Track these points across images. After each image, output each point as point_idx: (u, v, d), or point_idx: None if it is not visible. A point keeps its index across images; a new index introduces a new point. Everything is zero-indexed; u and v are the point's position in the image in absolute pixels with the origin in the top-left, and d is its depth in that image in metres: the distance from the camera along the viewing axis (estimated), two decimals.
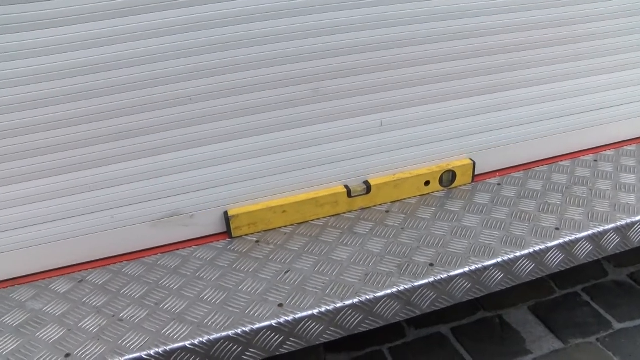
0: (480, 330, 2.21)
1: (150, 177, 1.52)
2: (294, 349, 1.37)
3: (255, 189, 1.64)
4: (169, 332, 1.30)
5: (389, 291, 1.40)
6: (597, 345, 2.11)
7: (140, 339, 1.29)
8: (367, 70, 1.60)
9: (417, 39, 1.61)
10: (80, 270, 1.55)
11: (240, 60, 1.47)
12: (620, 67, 1.93)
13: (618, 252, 1.64)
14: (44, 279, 1.52)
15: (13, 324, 1.36)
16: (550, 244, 1.54)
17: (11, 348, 1.28)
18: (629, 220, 1.62)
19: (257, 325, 1.31)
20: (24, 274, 1.53)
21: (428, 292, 1.44)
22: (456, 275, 1.46)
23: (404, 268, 1.47)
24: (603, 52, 1.87)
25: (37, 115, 1.37)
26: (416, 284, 1.42)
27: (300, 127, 1.61)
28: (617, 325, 2.19)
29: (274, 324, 1.32)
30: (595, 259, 1.62)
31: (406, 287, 1.41)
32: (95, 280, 1.50)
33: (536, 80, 1.83)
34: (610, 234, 1.61)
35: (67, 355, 1.26)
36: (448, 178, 1.82)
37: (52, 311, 1.40)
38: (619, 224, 1.61)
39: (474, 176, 1.86)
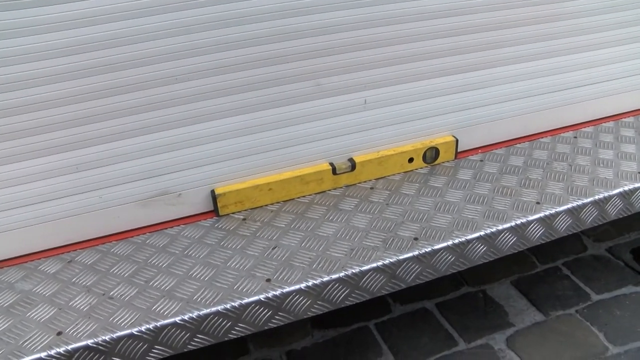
0: (464, 304, 2.25)
1: (138, 157, 1.53)
2: (282, 323, 1.40)
3: (241, 167, 1.65)
4: (159, 308, 1.32)
5: (374, 265, 1.43)
6: (576, 316, 2.17)
7: (131, 316, 1.30)
8: (351, 49, 1.61)
9: (400, 17, 1.63)
10: (69, 251, 1.55)
11: (226, 40, 1.48)
12: (598, 45, 1.96)
13: (596, 224, 1.68)
14: (32, 260, 1.53)
15: (3, 304, 1.37)
16: (531, 218, 1.58)
17: (2, 328, 1.29)
18: (606, 194, 1.66)
19: (246, 300, 1.33)
20: (12, 256, 1.53)
21: (413, 266, 1.47)
22: (440, 249, 1.49)
23: (389, 242, 1.50)
24: (582, 30, 1.90)
25: (23, 96, 1.36)
26: (401, 257, 1.45)
27: (286, 106, 1.62)
28: (595, 297, 2.26)
29: (262, 299, 1.34)
30: (575, 231, 1.66)
31: (391, 260, 1.44)
32: (85, 260, 1.51)
33: (517, 58, 1.85)
34: (589, 207, 1.65)
35: (59, 333, 1.27)
36: (431, 155, 1.85)
37: (42, 291, 1.40)
38: (597, 197, 1.65)
39: (456, 153, 1.89)
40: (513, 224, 1.56)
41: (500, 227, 1.54)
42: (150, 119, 1.50)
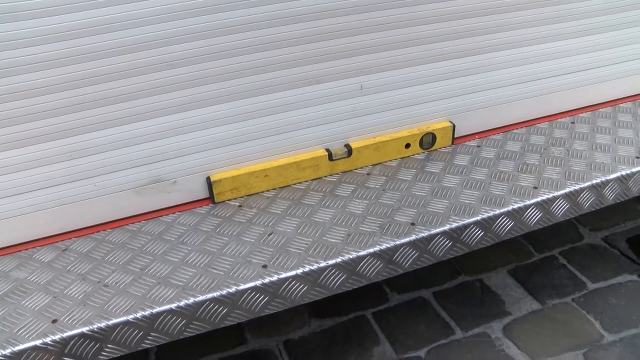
0: (461, 293, 2.26)
1: (133, 144, 1.52)
2: (278, 310, 1.39)
3: (237, 153, 1.64)
4: (155, 295, 1.31)
5: (371, 250, 1.42)
6: (572, 304, 2.17)
7: (126, 303, 1.29)
8: (347, 34, 1.60)
9: (396, 2, 1.61)
10: (64, 239, 1.54)
11: (220, 25, 1.46)
12: (596, 30, 1.95)
13: (593, 209, 1.68)
14: (27, 249, 1.52)
15: None
16: (528, 202, 1.57)
17: None
18: (604, 179, 1.66)
19: (242, 287, 1.33)
20: (6, 245, 1.52)
21: (410, 251, 1.46)
22: (437, 234, 1.48)
23: (385, 228, 1.49)
24: (580, 14, 1.89)
25: (15, 83, 1.35)
26: (398, 242, 1.44)
27: (281, 91, 1.61)
28: (591, 286, 2.27)
29: (259, 285, 1.34)
30: (572, 216, 1.66)
31: (388, 245, 1.43)
32: (79, 249, 1.50)
33: (515, 43, 1.84)
34: (587, 192, 1.64)
35: (54, 321, 1.26)
36: (428, 140, 1.84)
37: (36, 280, 1.39)
38: (594, 182, 1.65)
39: (453, 138, 1.87)
40: (510, 208, 1.55)
41: (497, 212, 1.54)
42: (144, 106, 1.48)
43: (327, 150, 1.73)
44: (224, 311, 1.33)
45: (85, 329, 1.24)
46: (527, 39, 1.85)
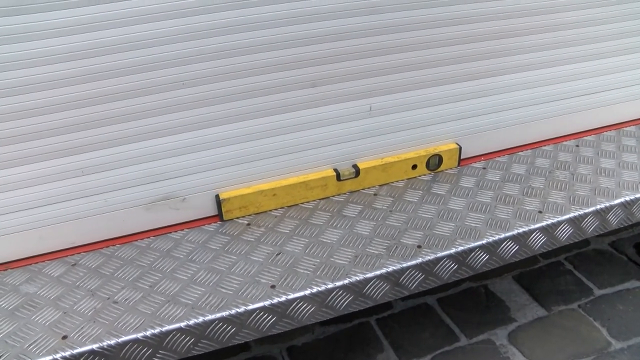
0: (466, 300, 2.25)
1: (143, 161, 1.53)
2: (286, 329, 1.41)
3: (246, 172, 1.65)
4: (164, 313, 1.33)
5: (378, 272, 1.44)
6: (578, 311, 2.17)
7: (136, 321, 1.31)
8: (356, 56, 1.61)
9: (405, 26, 1.63)
10: (73, 254, 1.56)
11: (233, 46, 1.48)
12: (601, 55, 1.96)
13: (597, 234, 1.69)
14: (37, 262, 1.53)
15: (8, 307, 1.37)
16: (533, 227, 1.59)
17: (7, 331, 1.30)
18: (608, 204, 1.67)
19: (251, 307, 1.34)
20: (17, 258, 1.53)
21: (416, 273, 1.48)
22: (443, 257, 1.50)
23: (392, 250, 1.51)
24: (585, 39, 1.90)
25: (29, 100, 1.36)
26: (404, 265, 1.46)
27: (291, 112, 1.62)
28: (598, 292, 2.26)
29: (267, 305, 1.35)
30: (576, 240, 1.67)
31: (395, 268, 1.45)
32: (89, 264, 1.51)
33: (521, 67, 1.85)
34: (591, 217, 1.66)
35: (64, 337, 1.27)
36: (435, 162, 1.85)
37: (46, 294, 1.41)
38: (598, 207, 1.66)
39: (459, 160, 1.89)
40: (515, 232, 1.57)
41: (502, 236, 1.55)
42: (156, 124, 1.50)
43: (335, 170, 1.74)
44: (232, 330, 1.35)
45: (95, 346, 1.25)
46: (533, 63, 1.86)
